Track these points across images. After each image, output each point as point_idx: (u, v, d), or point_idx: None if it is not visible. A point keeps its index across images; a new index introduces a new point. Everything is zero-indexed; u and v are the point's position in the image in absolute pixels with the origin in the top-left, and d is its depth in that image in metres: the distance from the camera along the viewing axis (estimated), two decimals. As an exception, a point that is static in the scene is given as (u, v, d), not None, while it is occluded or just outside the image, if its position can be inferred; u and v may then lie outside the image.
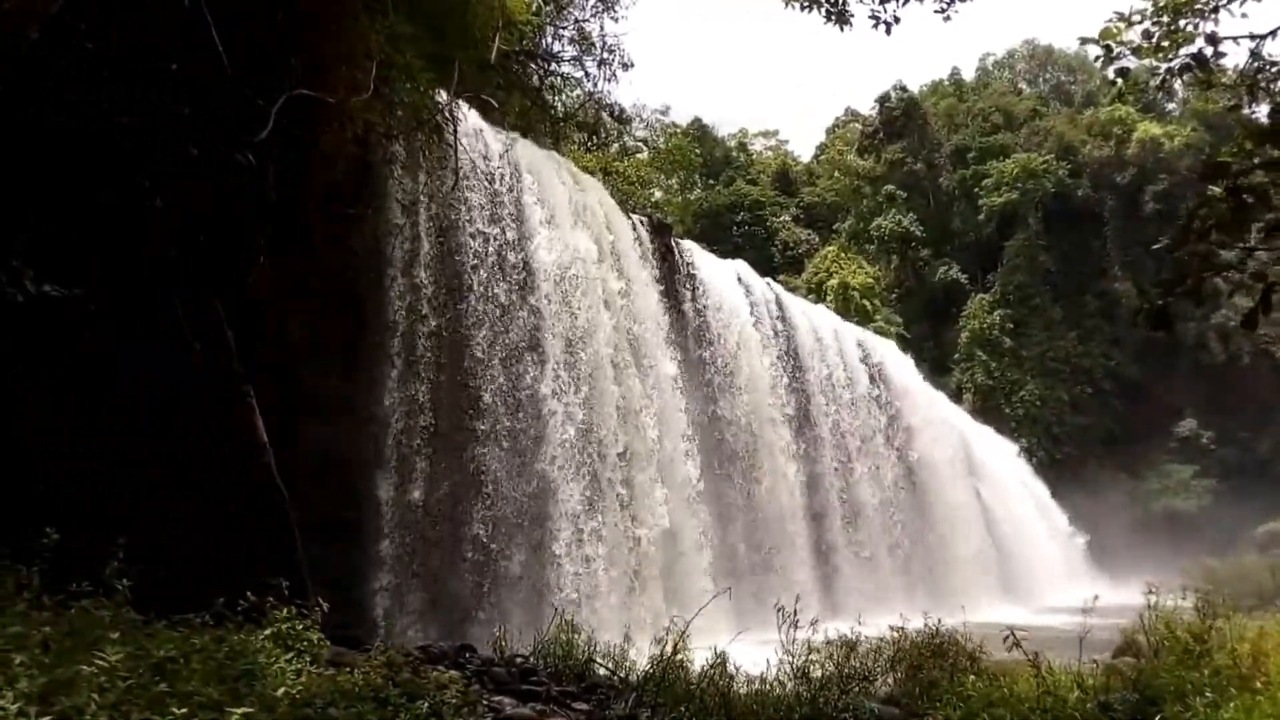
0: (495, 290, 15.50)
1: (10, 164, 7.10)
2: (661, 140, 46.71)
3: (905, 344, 39.68)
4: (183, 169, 8.38)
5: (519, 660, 8.78)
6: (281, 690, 4.74)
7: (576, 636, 9.09)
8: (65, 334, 7.49)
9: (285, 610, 6.27)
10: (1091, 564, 37.03)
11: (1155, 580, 8.70)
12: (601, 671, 8.48)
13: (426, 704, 5.51)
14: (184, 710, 4.11)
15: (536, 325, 15.93)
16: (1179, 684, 5.95)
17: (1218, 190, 4.22)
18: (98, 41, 7.53)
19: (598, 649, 8.93)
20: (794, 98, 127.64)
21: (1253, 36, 6.81)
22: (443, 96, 13.36)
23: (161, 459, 7.92)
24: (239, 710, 4.29)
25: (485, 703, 6.65)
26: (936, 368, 45.47)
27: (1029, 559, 32.79)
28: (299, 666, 5.57)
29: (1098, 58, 7.15)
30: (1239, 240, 4.24)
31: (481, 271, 15.38)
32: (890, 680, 8.01)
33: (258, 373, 9.66)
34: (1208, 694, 5.63)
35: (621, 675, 8.22)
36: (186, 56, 8.27)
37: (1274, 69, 7.03)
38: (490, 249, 15.64)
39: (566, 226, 17.23)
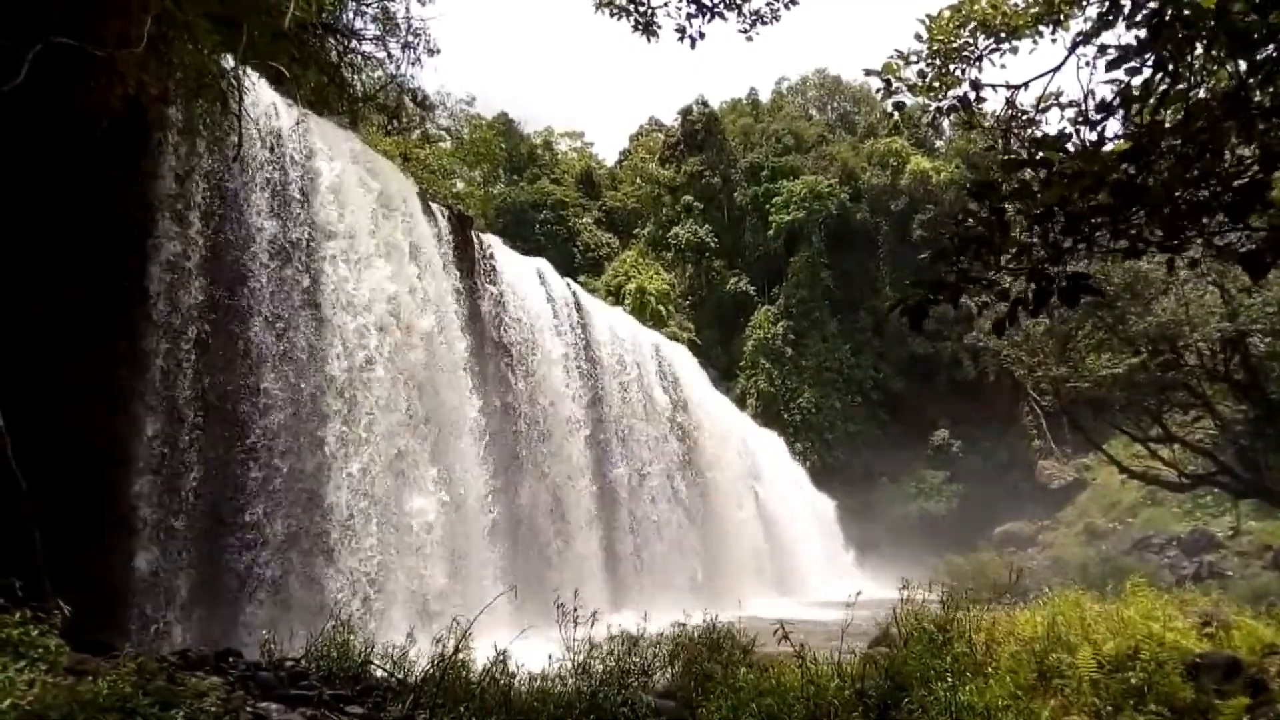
0: (275, 267, 14.58)
1: None
2: (466, 131, 45.85)
3: (696, 350, 41.10)
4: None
5: (289, 664, 8.29)
6: (9, 702, 4.23)
7: (353, 637, 8.73)
8: None
9: (19, 614, 5.62)
10: (856, 561, 39.92)
11: (910, 575, 9.47)
12: (379, 673, 8.18)
13: (182, 713, 5.10)
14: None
15: (318, 305, 15.09)
16: (924, 670, 6.50)
17: (981, 209, 4.66)
18: None
19: (376, 649, 8.62)
20: (600, 101, 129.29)
21: (1009, 86, 7.57)
22: (229, 61, 12.43)
23: None
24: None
25: (250, 710, 6.23)
26: (724, 374, 47.49)
27: (801, 556, 34.88)
28: (31, 676, 5.00)
29: (879, 90, 7.72)
30: (992, 260, 4.72)
31: (262, 248, 14.43)
32: (668, 674, 8.24)
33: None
34: (948, 679, 6.19)
35: (400, 676, 7.97)
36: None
37: (1025, 117, 7.83)
38: (274, 224, 14.71)
39: (360, 208, 16.50)
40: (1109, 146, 4.81)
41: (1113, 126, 4.90)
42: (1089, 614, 8.19)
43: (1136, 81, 4.63)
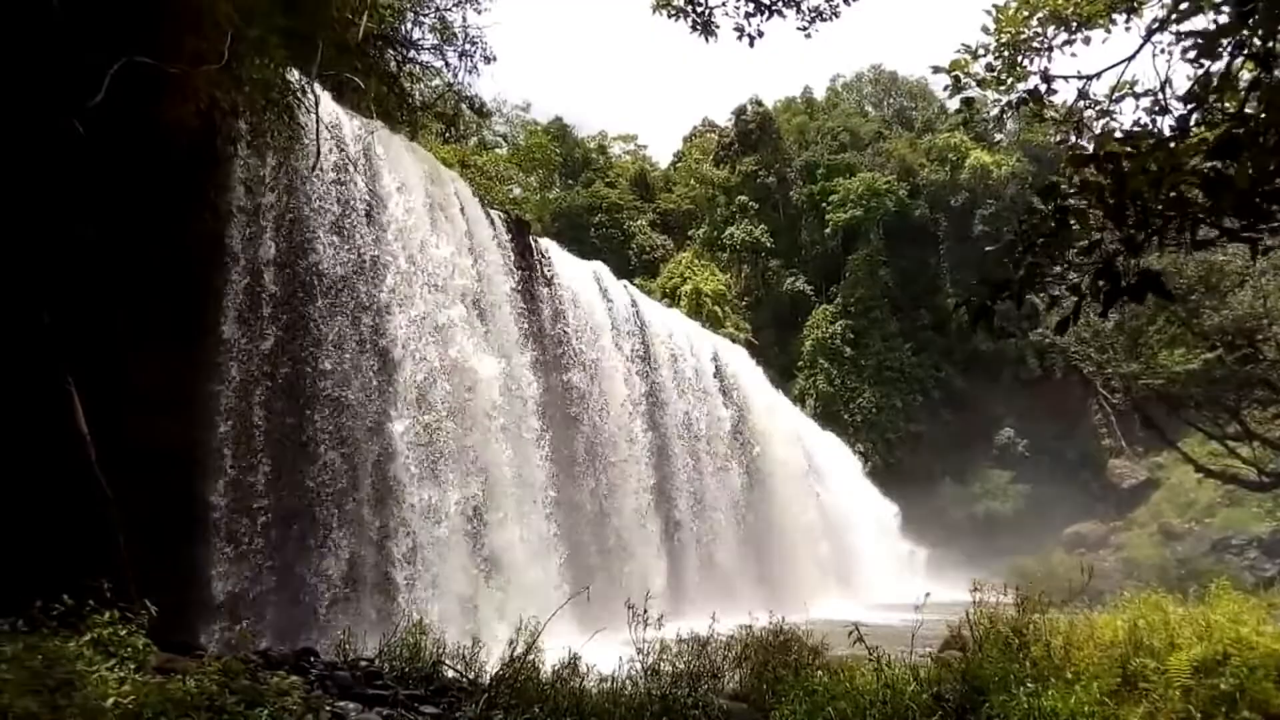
0: (344, 279, 14.89)
1: None
2: (521, 137, 46.35)
3: (753, 350, 40.79)
4: None
5: (364, 664, 8.45)
6: (111, 700, 4.38)
7: (424, 638, 8.85)
8: None
9: (107, 614, 5.82)
10: (920, 562, 39.25)
11: (975, 578, 9.27)
12: (450, 673, 8.28)
13: (266, 712, 5.23)
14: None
15: (386, 317, 15.37)
16: (1002, 674, 6.36)
17: (1046, 208, 4.54)
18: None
19: (447, 650, 8.72)
20: (653, 104, 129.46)
21: (1081, 76, 7.37)
22: (295, 75, 12.74)
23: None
24: (59, 723, 3.95)
25: (329, 709, 6.36)
26: (782, 374, 47.06)
27: (863, 558, 34.42)
28: (122, 674, 5.18)
29: (946, 86, 7.58)
30: (1059, 256, 4.59)
31: (330, 259, 14.74)
32: (738, 676, 8.19)
33: (80, 361, 8.91)
34: (1029, 684, 6.05)
35: (471, 677, 8.05)
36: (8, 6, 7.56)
37: (1098, 108, 7.62)
38: (341, 236, 15.03)
39: (423, 219, 16.77)
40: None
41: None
42: (1172, 618, 7.93)
43: (1216, 68, 4.47)
